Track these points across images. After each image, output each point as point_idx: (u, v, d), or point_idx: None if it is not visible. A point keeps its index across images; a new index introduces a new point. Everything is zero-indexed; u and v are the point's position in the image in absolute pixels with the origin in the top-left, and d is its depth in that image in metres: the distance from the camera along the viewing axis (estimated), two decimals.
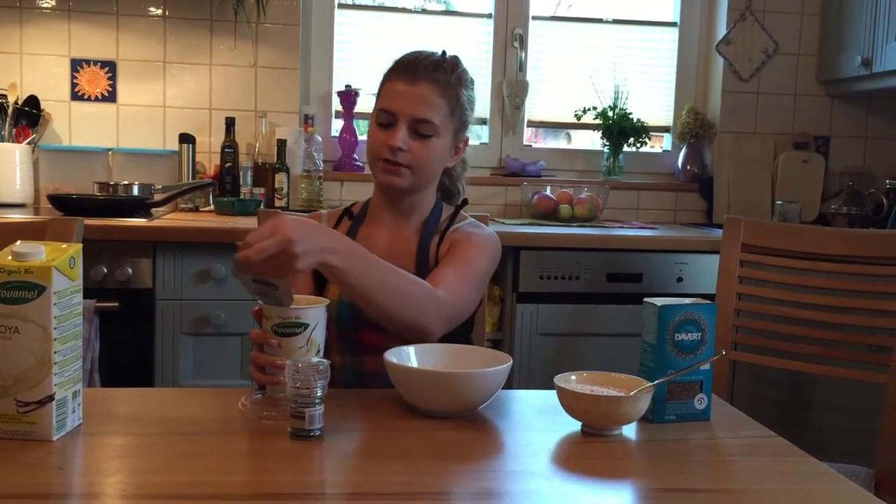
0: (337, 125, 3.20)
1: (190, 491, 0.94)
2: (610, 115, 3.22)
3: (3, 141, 2.78)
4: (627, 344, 2.45)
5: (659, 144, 3.45)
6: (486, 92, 3.23)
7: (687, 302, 1.25)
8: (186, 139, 2.89)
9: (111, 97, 2.97)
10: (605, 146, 3.24)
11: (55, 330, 1.05)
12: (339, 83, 3.16)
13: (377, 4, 3.27)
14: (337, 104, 3.16)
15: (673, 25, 3.35)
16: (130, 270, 2.33)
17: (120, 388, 1.38)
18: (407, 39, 3.16)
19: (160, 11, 2.96)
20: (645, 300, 1.26)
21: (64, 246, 1.10)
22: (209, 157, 3.01)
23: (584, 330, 2.59)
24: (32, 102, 2.84)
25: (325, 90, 3.18)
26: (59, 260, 1.06)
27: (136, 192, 2.73)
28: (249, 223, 2.36)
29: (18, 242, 1.08)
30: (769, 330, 2.03)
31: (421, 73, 1.49)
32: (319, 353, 1.23)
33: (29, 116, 2.84)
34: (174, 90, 3.00)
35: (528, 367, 2.55)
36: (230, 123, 2.94)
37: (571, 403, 1.18)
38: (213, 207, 2.83)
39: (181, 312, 2.38)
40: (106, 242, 2.30)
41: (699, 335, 1.24)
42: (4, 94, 2.82)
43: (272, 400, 1.22)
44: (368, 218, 1.61)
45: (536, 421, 1.27)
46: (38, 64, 2.92)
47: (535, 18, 3.26)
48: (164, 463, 1.03)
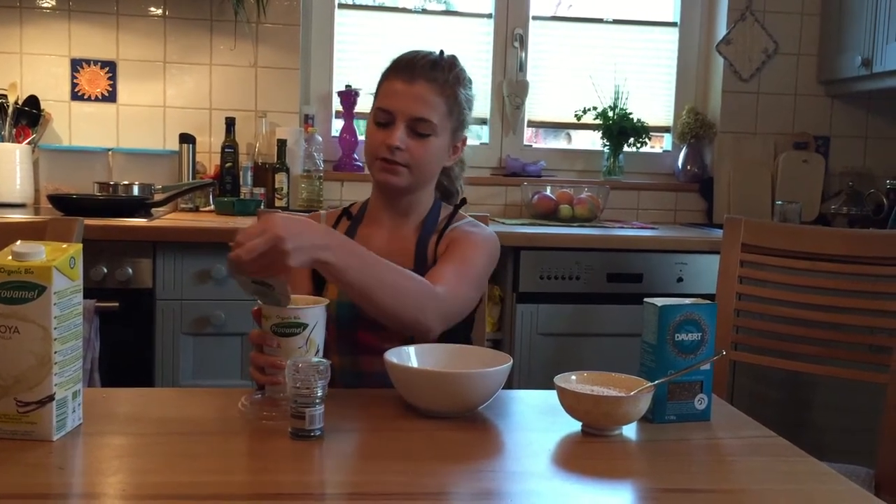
0: (337, 125, 3.20)
1: (190, 491, 0.94)
2: (610, 115, 3.22)
3: (3, 141, 2.78)
4: (627, 344, 2.45)
5: (659, 144, 3.45)
6: (486, 92, 3.23)
7: (687, 302, 1.25)
8: (186, 139, 2.89)
9: (111, 97, 2.97)
10: (605, 146, 3.24)
11: (55, 330, 1.05)
12: (339, 83, 3.16)
13: (377, 4, 3.27)
14: (337, 104, 3.16)
15: (673, 25, 3.35)
16: (130, 270, 2.34)
17: (120, 388, 1.38)
18: (407, 39, 3.15)
19: (160, 11, 2.96)
20: (645, 300, 1.26)
21: (64, 246, 1.10)
22: (209, 157, 3.01)
23: (584, 330, 2.59)
24: (32, 102, 2.84)
25: (325, 90, 3.18)
26: (59, 260, 1.06)
27: (136, 192, 2.73)
28: (249, 223, 2.35)
29: (18, 242, 1.08)
30: (769, 330, 2.03)
31: (419, 72, 1.48)
32: (319, 353, 1.23)
33: (29, 116, 2.84)
34: (174, 90, 3.00)
35: (528, 367, 2.55)
36: (230, 123, 2.94)
37: (572, 403, 1.18)
38: (213, 207, 2.83)
39: (181, 312, 2.38)
40: (106, 242, 2.30)
41: (699, 335, 1.24)
42: (4, 94, 2.82)
43: (272, 400, 1.22)
44: (367, 218, 1.61)
45: (537, 421, 1.27)
46: (38, 64, 2.92)
47: (535, 18, 3.26)
48: (164, 463, 1.03)
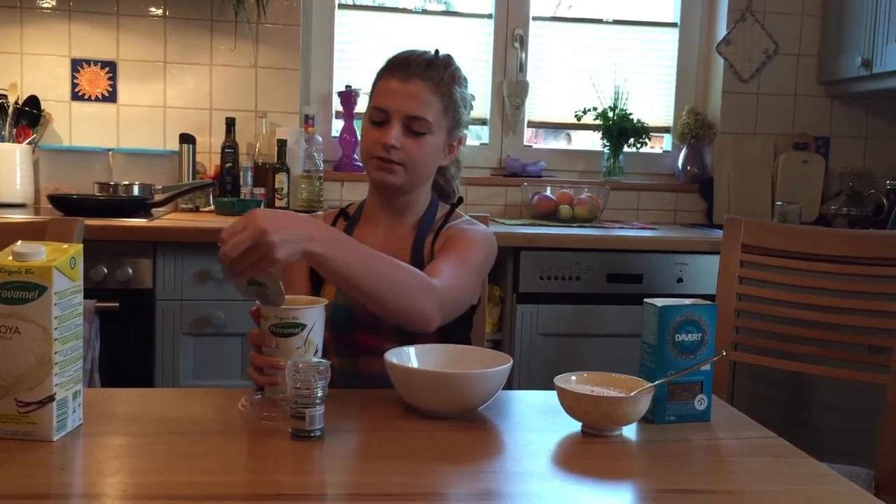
0: (337, 125, 3.20)
1: (190, 491, 0.94)
2: (610, 115, 3.22)
3: (3, 141, 2.78)
4: (628, 344, 2.45)
5: (659, 145, 3.45)
6: (486, 92, 3.23)
7: (687, 302, 1.25)
8: (187, 139, 2.89)
9: (111, 97, 2.97)
10: (605, 147, 3.24)
11: (56, 330, 1.06)
12: (339, 83, 3.16)
13: (377, 5, 3.27)
14: (337, 104, 3.16)
15: (673, 26, 3.35)
16: (131, 271, 2.34)
17: (120, 388, 1.38)
18: (407, 40, 3.15)
19: (160, 12, 2.96)
20: (645, 301, 1.26)
21: (64, 246, 1.10)
22: (209, 157, 3.00)
23: (584, 330, 2.59)
24: (33, 102, 2.84)
25: (325, 90, 3.18)
26: (59, 260, 1.06)
27: (136, 192, 2.73)
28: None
29: (19, 242, 1.08)
30: (769, 331, 2.03)
31: (414, 70, 1.48)
32: (318, 353, 1.23)
33: (29, 116, 2.84)
34: (174, 90, 3.00)
35: (528, 367, 2.55)
36: (230, 124, 2.94)
37: (572, 404, 1.18)
38: (213, 208, 2.83)
39: (181, 313, 2.38)
40: (106, 243, 2.30)
41: (699, 336, 1.24)
42: (5, 94, 2.82)
43: (272, 401, 1.22)
44: (363, 218, 1.61)
45: (537, 421, 1.27)
46: (38, 64, 2.92)
47: (535, 19, 3.26)
48: (164, 463, 1.03)
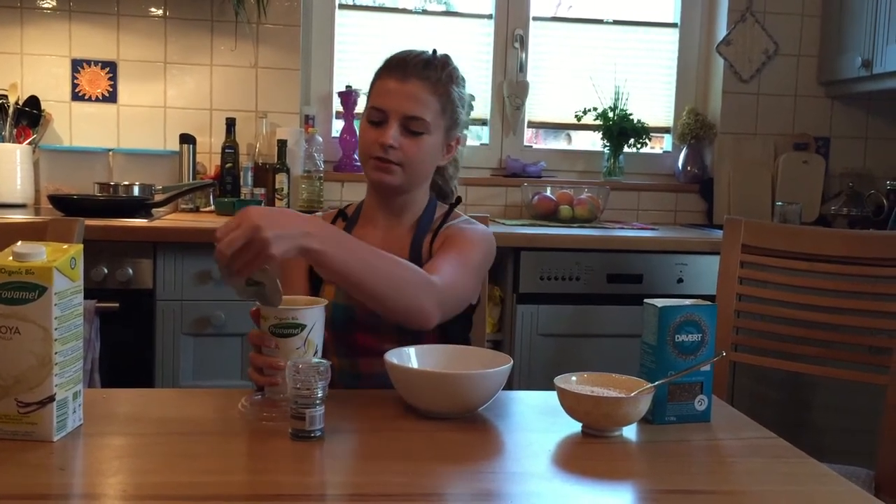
0: (337, 126, 3.20)
1: (190, 491, 0.94)
2: (610, 115, 3.22)
3: (3, 141, 2.78)
4: (628, 345, 2.45)
5: (659, 145, 3.45)
6: (486, 93, 3.23)
7: (687, 303, 1.25)
8: (187, 139, 2.89)
9: (112, 97, 2.97)
10: (605, 147, 3.24)
11: (56, 331, 1.06)
12: (339, 84, 3.16)
13: (378, 5, 3.27)
14: (337, 105, 3.16)
15: (673, 26, 3.35)
16: (131, 271, 2.34)
17: (120, 388, 1.38)
18: (407, 40, 3.15)
19: (161, 12, 2.96)
20: (645, 301, 1.26)
21: (65, 246, 1.10)
22: (210, 157, 3.01)
23: (584, 331, 2.59)
24: (33, 103, 2.85)
25: (325, 91, 3.18)
26: (59, 260, 1.06)
27: (136, 192, 2.73)
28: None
29: (19, 243, 1.08)
30: (769, 331, 2.03)
31: (411, 70, 1.48)
32: (318, 353, 1.23)
33: (29, 117, 2.84)
34: (175, 91, 3.00)
35: (528, 368, 2.55)
36: (231, 124, 2.94)
37: (572, 404, 1.18)
38: (213, 208, 2.83)
39: (181, 313, 2.38)
40: (106, 243, 2.30)
41: (699, 336, 1.24)
42: (5, 94, 2.82)
43: (272, 401, 1.22)
44: (362, 218, 1.60)
45: (537, 422, 1.27)
46: (38, 64, 2.92)
47: (535, 19, 3.26)
48: (164, 463, 1.03)
